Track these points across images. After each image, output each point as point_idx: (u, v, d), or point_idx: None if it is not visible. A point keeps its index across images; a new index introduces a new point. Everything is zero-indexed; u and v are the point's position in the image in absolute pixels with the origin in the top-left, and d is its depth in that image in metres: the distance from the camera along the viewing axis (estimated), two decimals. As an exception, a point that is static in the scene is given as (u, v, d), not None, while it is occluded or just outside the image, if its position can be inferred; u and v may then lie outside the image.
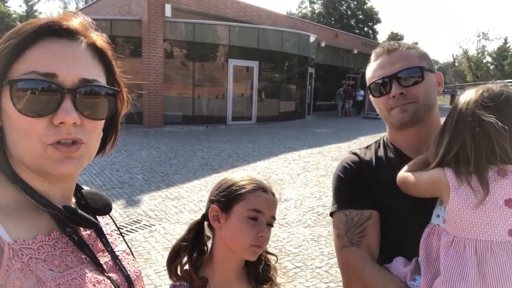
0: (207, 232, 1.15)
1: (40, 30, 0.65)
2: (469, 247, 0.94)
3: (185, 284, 1.08)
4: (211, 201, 1.14)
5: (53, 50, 0.65)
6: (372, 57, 1.28)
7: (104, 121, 0.73)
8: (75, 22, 0.69)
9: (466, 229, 0.96)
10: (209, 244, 1.16)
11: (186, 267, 1.11)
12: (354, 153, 1.33)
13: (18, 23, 0.68)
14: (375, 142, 1.37)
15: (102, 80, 0.71)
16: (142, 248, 4.15)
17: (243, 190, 1.08)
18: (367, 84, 1.29)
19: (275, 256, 1.22)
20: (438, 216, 1.04)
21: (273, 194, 1.14)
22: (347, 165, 1.28)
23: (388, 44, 1.26)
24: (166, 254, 4.23)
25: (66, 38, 0.67)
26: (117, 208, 5.34)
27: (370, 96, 1.29)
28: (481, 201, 0.92)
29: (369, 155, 1.30)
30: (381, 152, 1.29)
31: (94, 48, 0.71)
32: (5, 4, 41.47)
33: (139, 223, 4.86)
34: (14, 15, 37.90)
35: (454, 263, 0.94)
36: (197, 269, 1.08)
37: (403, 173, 1.12)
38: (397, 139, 1.28)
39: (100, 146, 0.76)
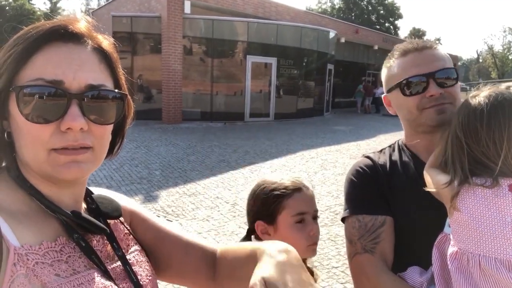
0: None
1: (45, 35, 0.64)
2: (473, 262, 0.89)
3: None
4: (253, 217, 1.14)
5: (59, 56, 0.64)
6: (397, 53, 1.21)
7: (112, 125, 0.72)
8: (81, 26, 0.69)
9: (470, 243, 0.90)
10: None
11: None
12: (368, 157, 1.28)
13: (43, 20, 0.68)
14: (389, 146, 1.32)
15: (109, 84, 0.70)
16: (159, 243, 4.19)
17: (281, 199, 1.09)
18: (390, 82, 1.22)
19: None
20: (449, 226, 1.00)
21: (308, 188, 1.15)
22: (360, 169, 1.24)
23: (419, 42, 1.19)
24: (182, 251, 4.19)
25: (72, 42, 0.66)
26: (136, 203, 5.41)
27: (392, 93, 1.22)
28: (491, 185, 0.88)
29: (383, 159, 1.25)
30: (395, 156, 1.25)
31: (100, 51, 0.70)
32: (30, 1, 42.55)
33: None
34: (38, 13, 38.86)
35: (462, 277, 0.90)
36: None
37: (426, 170, 1.07)
38: (415, 143, 1.22)
39: (109, 149, 0.75)
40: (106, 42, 0.72)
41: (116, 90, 0.71)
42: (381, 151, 1.32)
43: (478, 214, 0.89)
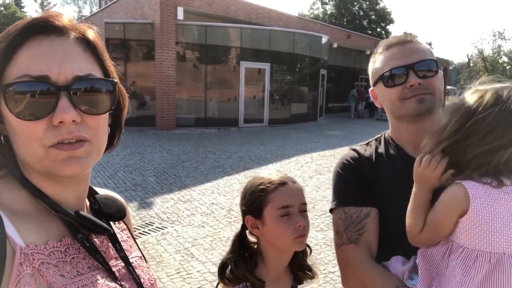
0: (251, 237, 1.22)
1: (25, 30, 0.63)
2: (482, 259, 0.90)
3: (247, 284, 1.12)
4: (244, 212, 1.19)
5: (41, 50, 0.63)
6: (381, 48, 1.26)
7: (108, 116, 0.71)
8: (62, 18, 0.67)
9: (482, 241, 0.90)
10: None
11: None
12: (354, 150, 1.32)
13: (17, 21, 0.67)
14: (376, 139, 1.36)
15: (97, 73, 0.69)
16: (155, 250, 4.16)
17: (266, 193, 1.12)
18: (375, 75, 1.25)
19: (309, 247, 1.25)
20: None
21: (295, 182, 1.17)
22: (346, 162, 1.28)
23: (401, 36, 1.25)
24: (178, 257, 4.24)
25: (54, 35, 0.65)
26: (130, 211, 5.33)
27: (376, 86, 1.25)
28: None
29: (369, 152, 1.29)
30: (381, 149, 1.28)
31: (84, 41, 0.68)
32: (22, 9, 42.31)
33: (152, 225, 4.88)
34: (30, 20, 38.60)
35: (466, 275, 0.91)
36: (253, 271, 1.13)
37: (411, 228, 1.03)
38: (400, 135, 1.26)
39: (108, 143, 0.74)
40: (90, 31, 0.71)
41: (106, 79, 0.70)
42: (367, 143, 1.35)
43: (491, 212, 0.89)
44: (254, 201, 1.14)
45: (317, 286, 3.52)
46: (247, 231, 1.21)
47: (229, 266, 1.15)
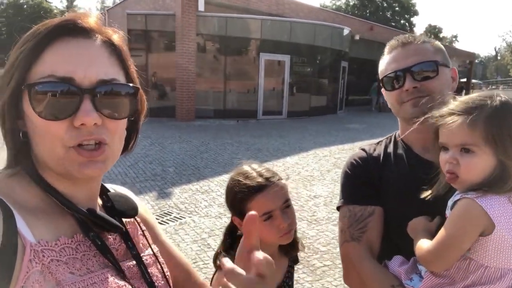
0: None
1: (54, 31, 0.64)
2: (508, 277, 0.88)
3: None
4: (230, 211, 1.22)
5: (69, 51, 0.64)
6: (386, 49, 1.28)
7: (126, 120, 0.71)
8: (90, 20, 0.68)
9: (506, 259, 0.89)
10: None
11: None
12: (363, 149, 1.35)
13: (46, 20, 0.67)
14: (387, 138, 1.37)
15: (121, 78, 0.70)
16: (172, 240, 4.24)
17: (245, 201, 1.14)
18: (380, 77, 1.28)
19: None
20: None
21: (273, 182, 1.15)
22: (354, 162, 1.31)
23: (403, 37, 1.24)
24: (195, 247, 4.29)
25: (82, 37, 0.66)
26: (149, 200, 5.48)
27: (382, 89, 1.28)
28: None
29: (378, 151, 1.31)
30: (390, 149, 1.30)
31: (110, 45, 0.69)
32: (47, 0, 43.21)
33: (170, 215, 4.96)
34: (55, 11, 39.47)
35: None
36: None
37: (421, 249, 0.99)
38: (408, 135, 1.27)
39: (124, 146, 0.75)
40: (116, 35, 0.71)
41: (130, 84, 0.70)
42: (378, 143, 1.37)
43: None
44: (235, 206, 1.16)
45: (333, 280, 3.51)
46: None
47: (221, 255, 1.18)
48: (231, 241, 1.21)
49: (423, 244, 0.98)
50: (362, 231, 1.18)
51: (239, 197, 1.15)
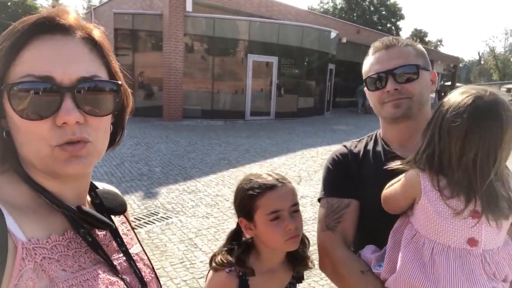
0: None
1: (32, 29, 0.63)
2: (427, 246, 0.99)
3: (238, 269, 1.14)
4: (237, 213, 1.21)
5: (47, 50, 0.63)
6: (370, 50, 1.32)
7: (110, 116, 0.71)
8: (69, 17, 0.67)
9: (429, 230, 1.00)
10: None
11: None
12: (344, 146, 1.42)
13: (24, 18, 0.66)
14: (368, 136, 1.43)
15: (102, 74, 0.68)
16: (159, 240, 4.21)
17: (255, 198, 1.13)
18: (364, 77, 1.33)
19: (307, 238, 1.28)
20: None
21: (284, 183, 1.17)
22: (335, 157, 1.38)
23: (387, 40, 1.29)
24: (182, 247, 4.26)
25: (60, 34, 0.64)
26: (136, 200, 5.43)
27: (365, 89, 1.33)
28: (460, 212, 0.94)
29: (359, 148, 1.38)
30: (370, 146, 1.36)
31: (90, 41, 0.68)
32: (32, -3, 42.47)
33: (157, 215, 4.93)
34: (40, 9, 38.79)
35: (412, 256, 1.00)
36: (242, 262, 1.15)
37: (383, 192, 1.13)
38: (387, 133, 1.34)
39: (110, 141, 0.74)
40: (96, 31, 0.70)
41: (111, 81, 0.69)
42: (359, 140, 1.43)
43: (440, 209, 0.97)
44: (245, 206, 1.16)
45: (319, 279, 3.54)
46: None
47: (220, 255, 1.17)
48: (236, 246, 1.19)
49: (386, 188, 1.12)
50: (338, 221, 1.25)
51: (249, 194, 1.14)
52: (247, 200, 1.15)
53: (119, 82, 0.71)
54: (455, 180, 0.95)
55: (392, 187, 1.10)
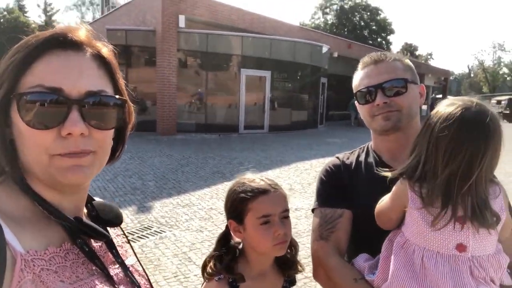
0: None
1: (45, 43, 0.66)
2: (417, 253, 1.01)
3: (227, 276, 1.14)
4: (227, 215, 1.22)
5: (58, 63, 0.65)
6: (360, 65, 1.36)
7: (113, 130, 0.73)
8: (80, 34, 0.70)
9: (418, 237, 1.02)
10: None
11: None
12: (337, 157, 1.45)
13: (37, 33, 0.69)
14: (360, 148, 1.46)
15: (108, 90, 0.71)
16: (152, 254, 4.17)
17: (247, 201, 1.14)
18: (354, 91, 1.37)
19: (296, 243, 1.28)
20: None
21: (276, 189, 1.18)
22: (328, 168, 1.41)
23: (376, 55, 1.33)
24: (176, 261, 4.23)
25: (71, 50, 0.67)
26: (129, 214, 5.38)
27: (356, 102, 1.36)
28: (436, 219, 0.97)
29: (351, 159, 1.41)
30: (362, 157, 1.40)
31: (99, 58, 0.71)
32: (25, 14, 42.67)
33: (150, 229, 4.89)
34: (33, 25, 38.93)
35: (403, 264, 1.03)
36: (231, 269, 1.15)
37: (376, 208, 1.15)
38: (378, 145, 1.38)
39: (110, 155, 0.76)
40: (105, 49, 0.73)
41: (116, 96, 0.72)
42: (352, 152, 1.47)
43: (427, 216, 1.00)
44: (236, 208, 1.16)
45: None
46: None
47: (210, 263, 1.17)
48: (224, 248, 1.19)
49: (378, 203, 1.15)
50: (331, 231, 1.27)
51: (241, 197, 1.15)
52: (238, 202, 1.15)
53: (124, 99, 0.74)
54: (436, 187, 0.97)
55: (383, 202, 1.13)
